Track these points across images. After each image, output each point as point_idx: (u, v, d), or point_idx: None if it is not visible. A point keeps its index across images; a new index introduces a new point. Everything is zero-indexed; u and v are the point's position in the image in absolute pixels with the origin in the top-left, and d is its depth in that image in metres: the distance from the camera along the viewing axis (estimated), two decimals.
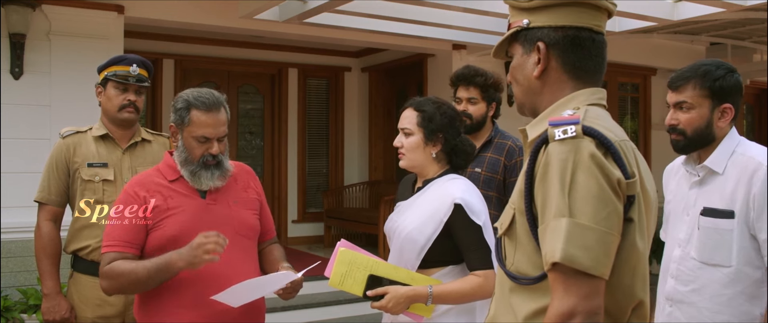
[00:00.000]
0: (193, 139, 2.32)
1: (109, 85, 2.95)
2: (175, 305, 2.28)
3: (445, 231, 2.30)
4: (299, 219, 8.83)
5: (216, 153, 2.34)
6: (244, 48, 8.24)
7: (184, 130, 2.33)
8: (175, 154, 2.37)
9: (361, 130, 9.29)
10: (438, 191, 2.37)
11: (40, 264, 2.92)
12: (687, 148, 2.35)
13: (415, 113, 2.42)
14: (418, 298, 2.24)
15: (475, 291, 2.27)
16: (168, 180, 2.36)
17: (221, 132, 2.35)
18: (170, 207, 2.31)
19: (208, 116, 2.31)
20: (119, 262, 2.24)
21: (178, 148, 2.35)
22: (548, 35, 1.48)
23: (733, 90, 2.29)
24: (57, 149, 2.96)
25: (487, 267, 2.27)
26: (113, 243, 2.27)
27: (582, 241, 1.26)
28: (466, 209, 2.28)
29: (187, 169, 2.34)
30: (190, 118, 2.31)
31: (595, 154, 1.30)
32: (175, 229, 2.29)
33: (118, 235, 2.27)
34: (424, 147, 2.41)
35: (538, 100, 1.53)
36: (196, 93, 2.35)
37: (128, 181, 2.45)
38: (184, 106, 2.32)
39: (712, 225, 2.24)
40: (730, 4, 5.23)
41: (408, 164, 2.45)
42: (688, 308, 2.30)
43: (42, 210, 2.95)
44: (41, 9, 5.17)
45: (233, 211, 2.41)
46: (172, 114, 2.36)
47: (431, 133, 2.40)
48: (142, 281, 2.22)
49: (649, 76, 8.91)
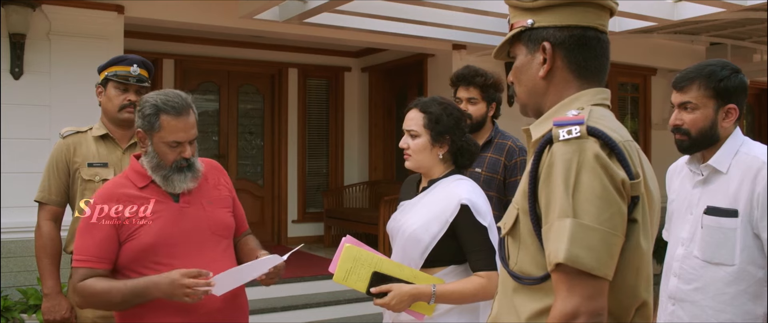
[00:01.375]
0: (164, 145, 2.27)
1: (109, 85, 2.96)
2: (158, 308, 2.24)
3: (450, 232, 2.31)
4: (299, 219, 8.83)
5: (189, 157, 2.30)
6: (244, 48, 8.23)
7: (154, 135, 2.27)
8: (144, 160, 2.31)
9: (361, 130, 9.29)
10: (444, 191, 2.38)
11: (41, 264, 2.92)
12: (691, 149, 2.35)
13: (421, 114, 2.41)
14: (421, 297, 2.25)
15: (478, 292, 2.28)
16: (138, 188, 2.31)
17: (192, 135, 2.32)
18: (143, 217, 2.26)
19: (178, 121, 2.27)
20: (93, 281, 2.21)
21: (148, 153, 2.30)
22: (554, 35, 1.47)
23: (738, 90, 2.29)
24: (57, 149, 2.96)
25: (490, 269, 2.28)
26: (84, 258, 2.23)
27: (586, 242, 1.26)
28: (473, 210, 2.30)
29: (159, 174, 2.29)
30: (160, 124, 2.26)
31: (599, 155, 1.30)
32: (151, 238, 2.25)
33: (89, 250, 2.23)
34: (431, 148, 2.41)
35: (543, 101, 1.52)
36: (164, 97, 2.29)
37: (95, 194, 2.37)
38: (153, 112, 2.26)
39: (715, 224, 2.24)
40: (730, 4, 5.23)
41: (414, 165, 2.45)
42: (690, 307, 2.30)
43: (42, 210, 2.95)
44: (41, 9, 5.17)
45: (208, 212, 2.39)
46: (138, 119, 2.30)
47: (438, 134, 2.39)
48: (115, 303, 2.21)
49: (649, 76, 8.91)
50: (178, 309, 2.23)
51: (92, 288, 2.20)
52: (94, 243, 2.23)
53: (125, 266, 2.26)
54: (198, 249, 2.31)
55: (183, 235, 2.29)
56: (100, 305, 2.28)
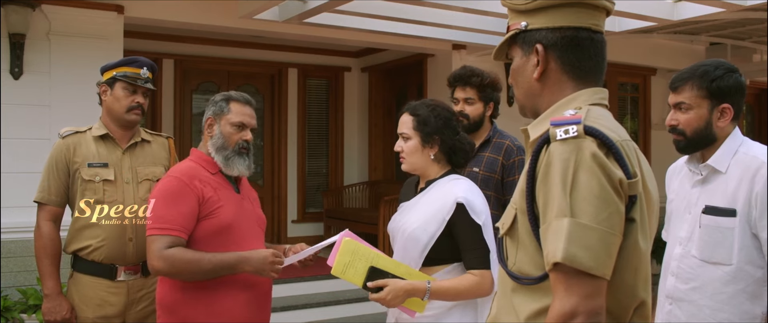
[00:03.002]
0: (231, 126, 2.58)
1: (117, 86, 2.95)
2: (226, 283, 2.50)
3: (447, 230, 2.36)
4: (299, 219, 8.83)
5: (249, 140, 2.61)
6: (244, 48, 8.23)
7: (222, 118, 2.60)
8: (210, 144, 2.59)
9: (361, 129, 9.29)
10: (441, 191, 2.43)
11: (41, 264, 2.91)
12: (687, 149, 2.36)
13: (410, 118, 2.49)
14: (415, 293, 2.29)
15: (471, 290, 2.33)
16: (210, 173, 2.57)
17: (254, 124, 2.65)
18: (221, 198, 2.52)
19: (244, 107, 2.63)
20: (179, 250, 2.39)
21: (214, 136, 2.59)
22: (546, 37, 1.48)
23: (732, 90, 2.28)
24: (57, 149, 2.95)
25: (483, 267, 2.34)
26: (171, 227, 2.40)
27: (584, 241, 1.26)
28: (468, 208, 2.34)
29: (221, 155, 2.57)
30: (229, 108, 2.60)
31: (596, 154, 1.30)
32: (229, 218, 2.51)
33: (176, 220, 2.41)
34: (422, 149, 2.47)
35: (539, 102, 1.53)
36: (234, 92, 2.68)
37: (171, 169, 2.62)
38: (224, 99, 2.63)
39: (713, 223, 2.25)
40: (729, 4, 5.23)
41: (409, 167, 2.52)
42: (688, 306, 2.31)
43: (42, 211, 2.94)
44: (41, 9, 5.17)
45: (254, 207, 2.73)
46: (209, 109, 2.63)
47: (427, 135, 2.46)
48: (203, 272, 2.41)
49: (649, 76, 8.91)
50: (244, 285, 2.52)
51: (182, 256, 2.39)
52: (179, 213, 2.42)
53: (200, 240, 2.46)
54: (253, 236, 2.62)
55: (246, 222, 2.60)
56: (186, 272, 2.40)
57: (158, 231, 2.40)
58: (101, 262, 2.87)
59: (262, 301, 2.67)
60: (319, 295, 6.19)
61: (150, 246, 2.41)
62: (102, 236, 2.86)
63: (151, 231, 2.42)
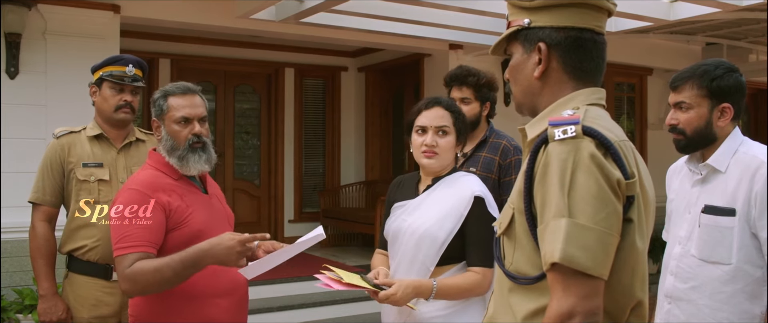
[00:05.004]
0: (174, 124, 2.37)
1: (104, 85, 2.95)
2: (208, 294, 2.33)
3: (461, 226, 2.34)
4: (296, 219, 8.82)
5: (199, 132, 2.38)
6: (241, 48, 8.22)
7: (165, 117, 2.38)
8: (161, 148, 2.39)
9: (358, 129, 9.29)
10: (453, 187, 2.40)
11: (36, 265, 2.91)
12: (688, 148, 2.37)
13: (447, 113, 2.45)
14: (422, 290, 2.26)
15: (473, 288, 2.32)
16: (173, 179, 2.38)
17: (200, 112, 2.41)
18: (188, 205, 2.34)
19: (184, 99, 2.39)
20: (141, 263, 2.17)
21: (163, 139, 2.38)
22: (550, 36, 1.47)
23: (733, 89, 2.29)
24: (51, 149, 2.94)
25: (485, 265, 2.32)
26: (136, 244, 2.19)
27: (581, 242, 1.26)
28: (486, 202, 2.35)
29: (174, 156, 2.36)
30: (168, 105, 2.38)
31: (594, 155, 1.30)
32: (200, 224, 2.34)
33: (140, 236, 2.20)
34: (455, 146, 2.48)
35: (538, 100, 1.52)
36: (170, 84, 2.45)
37: (130, 180, 2.38)
38: (161, 96, 2.40)
39: (712, 223, 2.25)
40: (725, 5, 5.24)
41: (440, 164, 2.43)
42: (687, 305, 2.31)
43: (36, 211, 2.93)
44: (37, 8, 5.16)
45: (223, 205, 2.59)
46: (153, 111, 2.42)
47: (461, 133, 2.47)
48: (168, 279, 2.18)
49: (646, 75, 8.93)
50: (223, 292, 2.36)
51: (142, 269, 2.16)
52: (143, 229, 2.21)
53: (172, 250, 2.23)
54: None
55: (216, 224, 2.40)
56: (153, 285, 2.19)
57: (122, 250, 2.19)
58: (96, 262, 2.87)
59: (242, 306, 2.49)
60: (317, 295, 6.18)
61: (116, 268, 2.21)
62: (97, 236, 2.85)
63: (116, 252, 2.21)
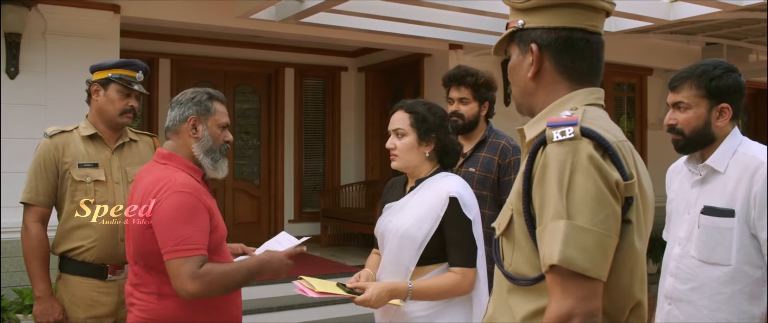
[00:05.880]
0: (217, 127, 2.43)
1: (112, 87, 2.92)
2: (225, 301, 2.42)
3: (440, 227, 2.36)
4: (296, 219, 8.83)
5: (230, 140, 2.50)
6: (241, 47, 8.23)
7: (210, 118, 2.41)
8: (196, 146, 2.40)
9: (358, 129, 9.29)
10: (432, 188, 2.43)
11: (31, 266, 2.86)
12: (686, 148, 2.36)
13: (406, 115, 2.49)
14: (398, 292, 2.30)
15: (452, 289, 2.34)
16: (198, 182, 2.39)
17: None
18: (212, 208, 2.37)
19: (223, 106, 2.49)
20: (210, 266, 2.22)
21: (202, 138, 2.39)
22: (541, 37, 1.48)
23: (731, 89, 2.28)
24: (44, 149, 2.88)
25: (467, 265, 2.34)
26: (199, 247, 2.22)
27: (580, 243, 1.26)
28: (460, 202, 2.35)
29: (210, 158, 2.41)
30: (214, 108, 2.43)
31: (593, 156, 1.30)
32: (223, 229, 2.41)
33: (199, 238, 2.24)
34: (418, 147, 2.47)
35: (534, 101, 1.53)
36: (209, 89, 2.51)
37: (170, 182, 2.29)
38: (208, 98, 2.43)
39: (711, 224, 2.24)
40: (725, 5, 5.24)
41: (401, 165, 2.50)
42: (686, 306, 2.30)
43: (29, 212, 2.87)
44: (37, 8, 5.16)
45: None
46: (191, 107, 2.40)
47: (425, 133, 2.45)
48: (235, 284, 2.31)
49: (646, 75, 8.93)
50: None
51: (215, 272, 2.22)
52: (200, 230, 2.25)
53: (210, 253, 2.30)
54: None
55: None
56: (220, 288, 2.25)
57: (185, 252, 2.18)
58: (92, 262, 2.85)
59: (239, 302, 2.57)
60: None
61: (178, 269, 2.17)
62: (94, 236, 2.83)
63: (176, 254, 2.18)
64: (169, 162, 2.39)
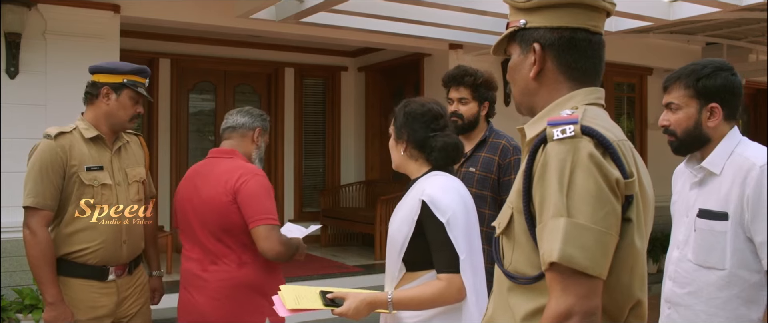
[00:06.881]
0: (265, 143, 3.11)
1: (125, 93, 2.91)
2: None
3: (420, 231, 2.23)
4: (296, 219, 8.81)
5: None
6: (241, 47, 8.23)
7: (265, 135, 3.10)
8: (256, 152, 3.05)
9: (358, 129, 9.29)
10: (415, 189, 2.32)
11: (41, 272, 2.73)
12: (680, 149, 2.33)
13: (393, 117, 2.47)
14: (378, 304, 2.19)
15: (436, 298, 2.18)
16: None
17: None
18: None
19: None
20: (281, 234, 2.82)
21: (260, 147, 3.07)
22: (544, 36, 1.47)
23: (721, 89, 2.22)
24: (49, 151, 2.76)
25: (449, 271, 2.18)
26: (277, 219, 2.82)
27: (580, 241, 1.26)
28: (430, 205, 2.19)
29: (259, 162, 3.06)
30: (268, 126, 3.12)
31: (593, 154, 1.30)
32: None
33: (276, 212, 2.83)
34: (396, 146, 2.42)
35: (535, 101, 1.53)
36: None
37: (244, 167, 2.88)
38: (268, 120, 3.13)
39: (706, 227, 2.20)
40: (725, 4, 5.24)
41: (393, 164, 2.49)
42: (684, 310, 2.27)
43: (35, 216, 2.73)
44: (37, 8, 5.16)
45: None
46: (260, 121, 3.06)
47: (397, 131, 2.41)
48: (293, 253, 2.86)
49: (645, 75, 8.93)
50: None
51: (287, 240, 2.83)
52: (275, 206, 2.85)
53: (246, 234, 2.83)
54: None
55: None
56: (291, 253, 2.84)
57: (273, 221, 2.77)
58: (94, 265, 2.82)
59: None
60: None
61: (269, 233, 2.74)
62: (100, 239, 2.81)
63: (267, 221, 2.75)
64: (233, 156, 2.94)
